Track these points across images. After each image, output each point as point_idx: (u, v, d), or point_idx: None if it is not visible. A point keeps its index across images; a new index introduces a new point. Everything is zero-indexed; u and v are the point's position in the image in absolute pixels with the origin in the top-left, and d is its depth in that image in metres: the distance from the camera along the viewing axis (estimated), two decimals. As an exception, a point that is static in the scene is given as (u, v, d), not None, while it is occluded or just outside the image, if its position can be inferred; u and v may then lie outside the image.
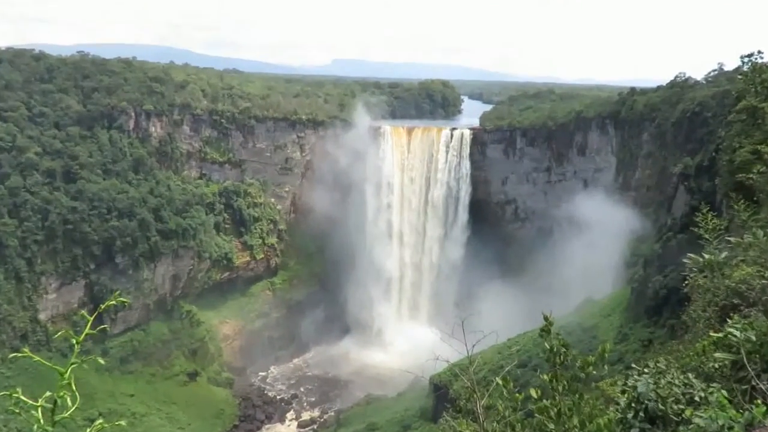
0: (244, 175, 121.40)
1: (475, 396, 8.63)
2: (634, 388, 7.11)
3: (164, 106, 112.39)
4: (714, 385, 6.97)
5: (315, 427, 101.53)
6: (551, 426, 7.06)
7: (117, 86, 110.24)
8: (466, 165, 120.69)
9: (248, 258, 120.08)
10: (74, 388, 4.57)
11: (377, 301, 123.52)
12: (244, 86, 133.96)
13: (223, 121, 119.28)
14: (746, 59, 43.13)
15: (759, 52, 43.60)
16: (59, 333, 5.88)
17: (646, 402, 6.91)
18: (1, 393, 4.62)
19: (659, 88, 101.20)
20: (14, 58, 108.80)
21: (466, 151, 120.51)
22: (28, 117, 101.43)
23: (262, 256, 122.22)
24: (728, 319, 8.55)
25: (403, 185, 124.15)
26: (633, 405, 7.01)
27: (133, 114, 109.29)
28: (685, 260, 13.08)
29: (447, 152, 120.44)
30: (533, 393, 7.35)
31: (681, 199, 76.18)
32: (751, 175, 17.28)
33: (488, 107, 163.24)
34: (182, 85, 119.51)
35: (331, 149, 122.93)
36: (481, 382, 9.39)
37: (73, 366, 4.63)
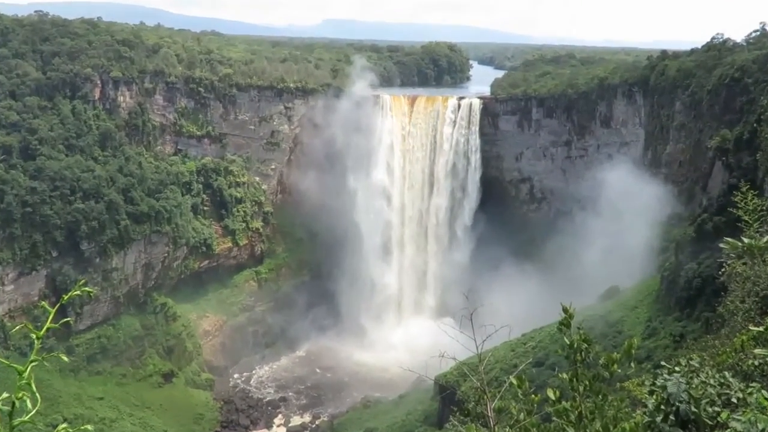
0: (225, 151, 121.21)
1: (485, 398, 8.66)
2: (664, 388, 7.13)
3: (134, 73, 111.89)
4: (753, 384, 7.00)
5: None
6: (571, 431, 7.10)
7: (80, 51, 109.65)
8: (476, 139, 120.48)
9: (230, 244, 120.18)
10: (34, 389, 4.57)
11: (375, 293, 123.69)
12: (225, 50, 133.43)
13: (200, 89, 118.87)
14: (792, 18, 42.88)
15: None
16: (17, 327, 5.88)
17: (677, 404, 6.94)
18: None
19: (694, 51, 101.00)
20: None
21: (476, 123, 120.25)
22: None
23: (246, 242, 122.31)
24: (770, 311, 8.57)
25: (404, 162, 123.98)
26: (662, 407, 7.04)
27: (99, 82, 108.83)
28: (721, 245, 13.08)
29: (454, 124, 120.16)
30: (551, 394, 7.38)
31: (718, 177, 76.24)
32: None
33: (500, 73, 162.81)
34: (154, 49, 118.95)
35: (322, 121, 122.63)
36: (492, 382, 9.45)
37: (33, 364, 4.63)
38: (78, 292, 5.09)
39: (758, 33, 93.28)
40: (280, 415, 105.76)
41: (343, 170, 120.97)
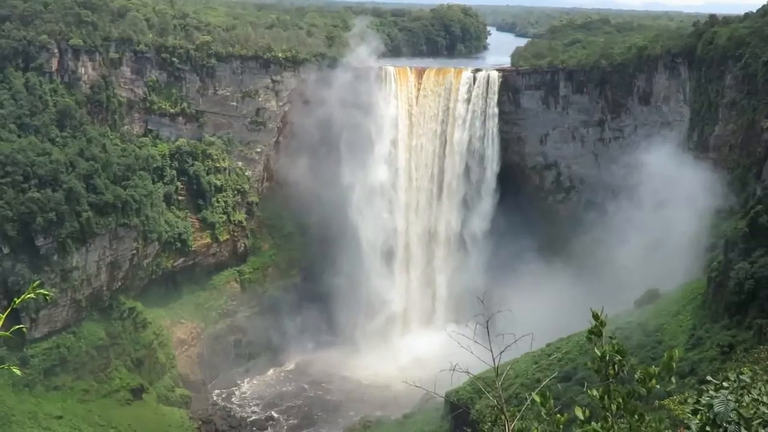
0: (203, 132, 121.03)
1: (503, 417, 8.69)
2: (710, 407, 7.15)
3: (97, 41, 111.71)
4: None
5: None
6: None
7: (35, 14, 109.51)
8: (494, 118, 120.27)
9: (208, 240, 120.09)
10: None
11: (376, 298, 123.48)
12: (203, 14, 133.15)
13: (174, 60, 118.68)
14: None
15: None
16: (-38, 336, 5.89)
17: (724, 425, 6.96)
18: None
19: (748, 15, 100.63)
20: None
21: (494, 99, 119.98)
22: None
23: (227, 237, 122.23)
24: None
25: (410, 144, 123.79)
26: (708, 429, 7.06)
27: (56, 51, 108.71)
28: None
29: (468, 101, 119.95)
30: (579, 413, 7.40)
31: (774, 163, 76.10)
32: None
33: (523, 41, 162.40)
34: (120, 12, 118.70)
35: (315, 97, 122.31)
36: (511, 399, 9.48)
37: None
38: (32, 295, 5.12)
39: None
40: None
41: (339, 156, 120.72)
